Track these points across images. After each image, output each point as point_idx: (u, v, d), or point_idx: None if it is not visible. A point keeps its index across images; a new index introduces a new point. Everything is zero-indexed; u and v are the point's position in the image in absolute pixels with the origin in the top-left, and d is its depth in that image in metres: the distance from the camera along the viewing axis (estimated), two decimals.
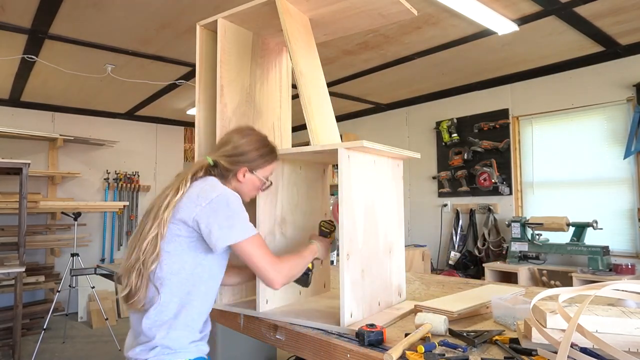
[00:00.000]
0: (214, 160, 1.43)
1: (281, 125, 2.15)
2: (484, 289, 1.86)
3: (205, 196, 1.30)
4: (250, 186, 1.49)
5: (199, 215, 1.28)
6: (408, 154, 1.76)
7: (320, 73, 1.78)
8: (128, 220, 6.17)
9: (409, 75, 4.46)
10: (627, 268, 3.47)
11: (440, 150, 5.16)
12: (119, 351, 4.28)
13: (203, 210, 1.28)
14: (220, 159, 1.43)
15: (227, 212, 1.29)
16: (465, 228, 4.87)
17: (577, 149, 4.11)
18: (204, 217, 1.27)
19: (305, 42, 1.76)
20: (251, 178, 1.48)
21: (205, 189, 1.33)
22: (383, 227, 1.70)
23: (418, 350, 1.15)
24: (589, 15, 3.09)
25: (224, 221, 1.28)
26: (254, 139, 1.49)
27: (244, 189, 1.48)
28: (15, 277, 3.79)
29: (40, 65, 3.94)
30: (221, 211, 1.29)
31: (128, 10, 2.93)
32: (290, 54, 1.64)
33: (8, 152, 5.17)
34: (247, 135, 1.49)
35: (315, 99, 1.64)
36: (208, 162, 1.43)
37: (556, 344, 0.97)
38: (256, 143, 1.48)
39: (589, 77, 4.03)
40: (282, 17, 1.64)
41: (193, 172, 1.37)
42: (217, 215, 1.28)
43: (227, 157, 1.44)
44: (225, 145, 1.47)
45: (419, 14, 2.97)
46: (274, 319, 1.60)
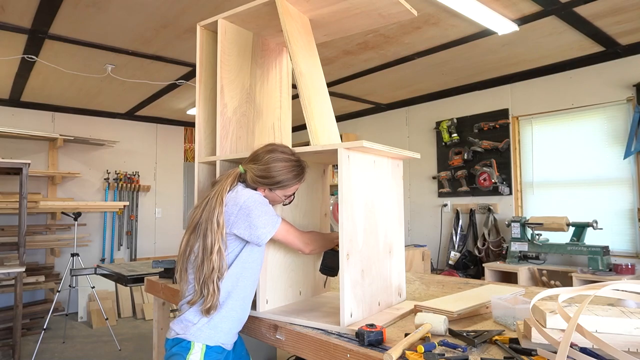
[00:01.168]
0: (244, 169, 1.57)
1: (281, 125, 2.15)
2: (483, 289, 1.86)
3: (234, 203, 1.50)
4: (270, 197, 1.60)
5: (235, 223, 1.48)
6: (408, 154, 1.76)
7: (320, 73, 1.78)
8: (128, 220, 6.17)
9: (409, 75, 4.46)
10: (627, 268, 3.47)
11: (440, 150, 5.16)
12: (119, 351, 4.28)
13: (237, 218, 1.48)
14: (249, 172, 1.56)
15: (257, 213, 1.48)
16: (465, 228, 4.87)
17: (577, 149, 4.11)
18: (240, 224, 1.48)
19: (306, 42, 1.76)
20: (271, 194, 1.59)
21: (233, 197, 1.52)
22: (383, 227, 1.70)
23: (418, 350, 1.15)
24: (589, 15, 3.09)
25: (257, 220, 1.47)
26: (282, 165, 1.55)
27: (273, 199, 1.61)
28: (15, 277, 3.79)
29: (40, 65, 3.94)
30: (252, 213, 1.48)
31: (128, 10, 2.93)
32: (290, 54, 1.64)
33: (8, 152, 5.17)
34: (276, 161, 1.55)
35: (315, 99, 1.65)
36: (240, 171, 1.58)
37: (556, 344, 0.97)
38: (283, 169, 1.55)
39: (589, 77, 4.03)
40: (282, 18, 1.65)
41: (230, 184, 1.55)
42: (250, 218, 1.47)
43: (254, 174, 1.55)
44: (257, 162, 1.56)
45: (419, 14, 2.97)
46: (274, 319, 1.60)
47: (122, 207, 5.90)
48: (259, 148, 1.60)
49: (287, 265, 1.80)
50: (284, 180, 1.55)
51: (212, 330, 1.47)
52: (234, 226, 1.48)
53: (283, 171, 1.54)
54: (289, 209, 1.79)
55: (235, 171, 1.57)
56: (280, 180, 1.54)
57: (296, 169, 1.57)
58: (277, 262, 1.75)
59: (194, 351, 1.44)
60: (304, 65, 1.66)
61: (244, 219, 1.47)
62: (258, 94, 2.02)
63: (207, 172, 1.94)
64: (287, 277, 1.80)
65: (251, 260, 1.54)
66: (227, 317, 1.49)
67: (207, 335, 1.47)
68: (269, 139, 2.08)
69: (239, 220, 1.48)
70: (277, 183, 1.55)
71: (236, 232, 1.49)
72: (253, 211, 1.48)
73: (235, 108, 1.90)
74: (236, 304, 1.51)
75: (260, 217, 1.48)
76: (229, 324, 1.50)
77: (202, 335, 1.46)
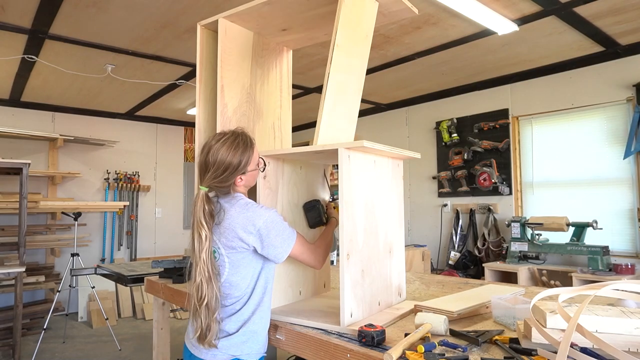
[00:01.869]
0: (207, 187, 1.49)
1: (281, 125, 2.15)
2: (483, 289, 1.86)
3: (251, 224, 1.47)
4: (251, 179, 1.56)
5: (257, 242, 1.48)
6: (408, 154, 1.76)
7: (357, 70, 1.74)
8: (128, 220, 6.17)
9: (409, 75, 4.46)
10: (627, 268, 3.47)
11: (440, 150, 5.16)
12: (119, 351, 4.28)
13: (257, 238, 1.47)
14: (212, 184, 1.48)
15: (275, 232, 1.49)
16: (465, 228, 4.87)
17: (577, 149, 4.11)
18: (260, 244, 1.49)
19: (353, 35, 1.74)
20: (246, 176, 1.53)
21: (246, 216, 1.49)
22: (383, 227, 1.70)
23: (418, 350, 1.15)
24: (589, 15, 3.09)
25: (274, 240, 1.48)
26: (225, 150, 1.47)
27: (247, 184, 1.56)
28: (16, 277, 3.79)
29: (40, 65, 3.94)
30: (271, 233, 1.48)
31: (128, 10, 2.93)
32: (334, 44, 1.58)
33: (8, 152, 5.17)
34: (217, 151, 1.47)
35: (335, 96, 1.59)
36: (204, 190, 1.48)
37: (556, 344, 0.97)
38: (228, 151, 1.47)
39: (589, 77, 4.03)
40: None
41: (202, 207, 1.46)
42: (269, 238, 1.48)
43: (216, 178, 1.47)
44: (207, 171, 1.48)
45: (419, 14, 2.97)
46: (274, 319, 1.60)
47: (122, 207, 5.90)
48: (199, 158, 1.54)
49: (287, 265, 1.80)
50: (241, 156, 1.48)
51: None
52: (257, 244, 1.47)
53: (230, 151, 1.47)
54: (289, 208, 1.79)
55: (200, 194, 1.48)
56: (239, 160, 1.47)
57: (239, 142, 1.49)
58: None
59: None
60: (342, 60, 1.61)
61: (264, 240, 1.46)
62: (258, 94, 2.02)
63: None
64: (287, 277, 1.80)
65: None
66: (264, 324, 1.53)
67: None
68: (269, 139, 2.08)
69: (257, 242, 1.46)
70: (238, 164, 1.47)
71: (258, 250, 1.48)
72: (271, 231, 1.45)
73: (236, 108, 1.90)
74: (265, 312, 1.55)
75: (279, 235, 1.47)
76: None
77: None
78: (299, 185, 1.85)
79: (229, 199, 1.51)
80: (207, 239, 1.43)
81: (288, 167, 1.79)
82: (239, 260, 1.47)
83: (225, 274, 1.47)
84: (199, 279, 1.41)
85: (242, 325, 1.46)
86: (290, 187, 1.80)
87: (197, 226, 1.44)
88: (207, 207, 1.46)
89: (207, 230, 1.43)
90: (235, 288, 1.47)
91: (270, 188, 1.71)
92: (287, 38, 2.08)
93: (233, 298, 1.47)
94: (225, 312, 1.48)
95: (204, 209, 1.45)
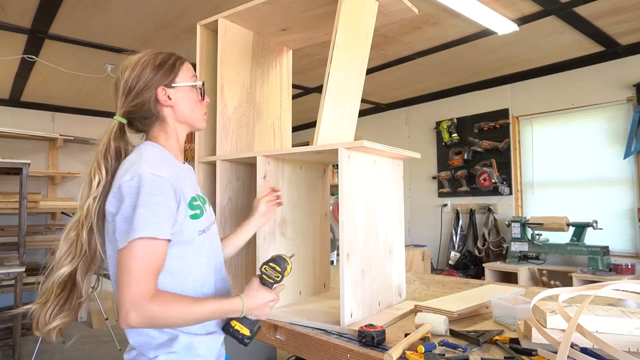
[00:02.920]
0: (124, 114, 1.13)
1: (281, 125, 2.15)
2: (484, 289, 1.86)
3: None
4: (186, 104, 1.16)
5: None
6: (408, 154, 1.76)
7: (357, 70, 1.74)
8: None
9: (409, 75, 4.46)
10: (627, 268, 3.47)
11: (440, 150, 5.16)
12: (119, 351, 4.28)
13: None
14: (127, 107, 1.12)
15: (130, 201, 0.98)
16: (465, 228, 4.87)
17: (577, 149, 4.11)
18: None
19: (352, 35, 1.74)
20: (177, 93, 1.14)
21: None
22: (383, 227, 1.70)
23: (418, 350, 1.15)
24: (589, 15, 3.09)
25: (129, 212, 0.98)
26: (140, 58, 1.14)
27: (185, 109, 1.16)
28: (15, 277, 3.78)
29: (40, 65, 3.93)
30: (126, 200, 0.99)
31: (128, 10, 2.93)
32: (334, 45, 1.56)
33: (8, 152, 5.17)
34: (130, 64, 1.13)
35: (335, 96, 1.59)
36: (119, 121, 1.13)
37: (556, 344, 0.97)
38: (143, 59, 1.13)
39: (589, 77, 4.03)
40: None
41: (104, 149, 1.09)
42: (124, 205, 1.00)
43: (129, 95, 1.11)
44: (117, 92, 1.14)
45: (419, 13, 2.97)
46: (274, 319, 1.60)
47: None
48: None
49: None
50: (161, 63, 1.13)
51: None
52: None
53: (146, 61, 1.12)
54: (288, 208, 1.78)
55: (110, 125, 1.13)
56: (158, 66, 1.12)
57: (159, 53, 1.16)
58: None
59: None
60: (342, 60, 1.61)
61: (118, 202, 1.00)
62: (258, 94, 2.02)
63: (207, 172, 1.94)
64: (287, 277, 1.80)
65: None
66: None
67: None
68: (269, 139, 2.08)
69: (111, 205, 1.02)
70: (157, 73, 1.11)
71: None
72: (130, 197, 0.97)
73: (236, 108, 1.90)
74: None
75: (137, 207, 0.96)
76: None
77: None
78: (299, 185, 1.85)
79: (141, 145, 1.12)
80: (98, 188, 1.05)
81: (288, 167, 1.79)
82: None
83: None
84: (72, 233, 1.05)
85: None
86: (290, 187, 1.80)
87: (93, 168, 1.07)
88: (112, 144, 1.09)
89: (101, 177, 1.06)
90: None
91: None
92: (287, 38, 2.08)
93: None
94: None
95: (107, 145, 1.09)
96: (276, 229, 1.72)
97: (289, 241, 1.80)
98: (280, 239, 1.76)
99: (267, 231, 1.68)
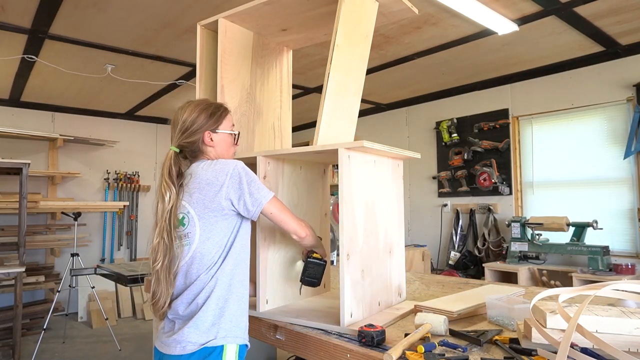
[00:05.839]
0: (177, 146, 1.46)
1: (281, 125, 2.15)
2: (484, 289, 1.86)
3: (224, 174, 1.40)
4: (223, 146, 1.51)
5: (229, 194, 1.38)
6: (408, 154, 1.76)
7: (356, 72, 1.74)
8: (128, 220, 6.17)
9: (409, 75, 4.46)
10: (627, 268, 3.47)
11: (440, 150, 5.16)
12: (119, 351, 4.28)
13: (229, 188, 1.38)
14: (181, 141, 1.45)
15: (248, 179, 1.42)
16: (465, 228, 4.87)
17: (577, 149, 4.11)
18: (233, 193, 1.38)
19: (353, 35, 1.73)
20: (218, 137, 1.48)
21: (214, 169, 1.42)
22: (383, 227, 1.70)
23: (418, 350, 1.15)
24: (589, 15, 3.09)
25: (251, 187, 1.41)
26: (195, 106, 1.48)
27: (221, 150, 1.50)
28: (15, 277, 3.79)
29: (40, 65, 3.93)
30: (243, 180, 1.41)
31: (128, 10, 2.93)
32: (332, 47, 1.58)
33: (8, 152, 5.17)
34: (188, 107, 1.48)
35: (335, 96, 1.59)
36: (174, 151, 1.46)
37: (556, 344, 0.97)
38: (198, 107, 1.48)
39: (589, 77, 4.03)
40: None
41: (168, 171, 1.42)
42: (242, 185, 1.40)
43: (184, 133, 1.45)
44: (176, 127, 1.47)
45: (419, 14, 2.97)
46: (274, 319, 1.60)
47: (122, 207, 5.90)
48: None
49: (287, 265, 1.80)
50: (212, 113, 1.47)
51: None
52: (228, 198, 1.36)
53: (200, 109, 1.47)
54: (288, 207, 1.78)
55: (168, 154, 1.45)
56: (210, 114, 1.46)
57: (211, 105, 1.51)
58: (277, 262, 1.75)
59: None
60: (342, 60, 1.61)
61: (238, 187, 1.36)
62: (258, 94, 2.02)
63: None
64: (287, 277, 1.80)
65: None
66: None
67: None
68: (269, 139, 2.08)
69: (232, 191, 1.36)
70: (208, 120, 1.45)
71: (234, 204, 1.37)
72: (244, 177, 1.37)
73: (235, 108, 1.90)
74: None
75: (253, 182, 1.38)
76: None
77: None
78: (299, 185, 1.85)
79: (198, 163, 1.44)
80: (170, 200, 1.37)
81: (288, 167, 1.79)
82: (212, 224, 1.36)
83: (195, 243, 1.35)
84: (156, 240, 1.35)
85: (211, 305, 1.32)
86: (290, 187, 1.80)
87: (162, 187, 1.39)
88: (174, 168, 1.42)
89: (172, 192, 1.38)
90: (205, 258, 1.35)
91: (270, 188, 1.70)
92: (287, 38, 2.08)
93: (200, 272, 1.34)
94: (190, 292, 1.34)
95: (170, 168, 1.41)
96: (276, 230, 1.72)
97: (289, 241, 1.80)
98: (281, 239, 1.76)
99: (267, 231, 1.68)
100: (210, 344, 1.30)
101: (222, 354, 1.30)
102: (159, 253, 1.34)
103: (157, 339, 1.42)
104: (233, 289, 1.37)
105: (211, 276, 1.34)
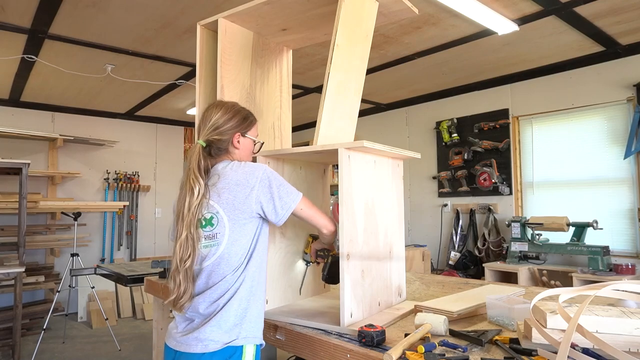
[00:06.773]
0: (205, 141, 1.45)
1: (281, 125, 2.15)
2: (484, 289, 1.86)
3: (254, 177, 1.42)
4: (246, 151, 1.55)
5: (259, 197, 1.39)
6: (408, 154, 1.76)
7: (356, 73, 1.74)
8: (128, 220, 6.17)
9: (409, 75, 4.46)
10: (627, 268, 3.47)
11: (440, 150, 5.16)
12: (119, 351, 4.28)
13: (259, 192, 1.39)
14: (210, 137, 1.45)
15: (277, 182, 1.45)
16: (465, 228, 4.87)
17: (577, 149, 4.11)
18: (264, 198, 1.40)
19: (353, 35, 1.74)
20: (244, 141, 1.52)
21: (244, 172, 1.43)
22: (383, 227, 1.70)
23: (418, 350, 1.15)
24: (589, 15, 3.09)
25: (280, 190, 1.44)
26: (229, 108, 1.51)
27: (244, 153, 1.54)
28: (15, 277, 3.79)
29: (40, 65, 3.93)
30: (273, 184, 1.43)
31: (128, 10, 2.93)
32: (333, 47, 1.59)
33: (8, 152, 5.17)
34: (221, 106, 1.51)
35: (334, 97, 1.59)
36: (201, 145, 1.45)
37: (556, 344, 0.97)
38: (232, 109, 1.51)
39: (589, 77, 4.03)
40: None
41: (197, 164, 1.40)
42: (271, 189, 1.42)
43: (215, 131, 1.46)
44: (207, 123, 1.47)
45: (419, 14, 2.97)
46: (274, 319, 1.60)
47: (122, 207, 5.90)
48: (201, 114, 1.55)
49: (287, 265, 1.80)
50: (245, 117, 1.52)
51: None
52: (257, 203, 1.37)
53: (233, 112, 1.50)
54: None
55: (196, 147, 1.44)
56: (242, 118, 1.50)
57: (243, 109, 1.55)
58: (277, 262, 1.75)
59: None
60: (342, 60, 1.61)
61: (268, 191, 1.37)
62: (258, 94, 2.02)
63: None
64: (287, 277, 1.80)
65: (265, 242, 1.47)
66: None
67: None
68: (269, 139, 2.08)
69: (262, 194, 1.37)
70: (241, 123, 1.49)
71: (264, 208, 1.38)
72: (273, 181, 1.39)
73: None
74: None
75: (282, 186, 1.41)
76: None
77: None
78: (299, 185, 1.85)
79: (224, 164, 1.44)
80: (199, 195, 1.35)
81: (288, 167, 1.79)
82: (240, 226, 1.35)
83: (224, 244, 1.34)
84: (184, 234, 1.32)
85: (234, 306, 1.32)
86: None
87: (191, 179, 1.36)
88: (202, 162, 1.40)
89: (201, 185, 1.35)
90: (233, 259, 1.34)
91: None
92: (287, 38, 2.08)
93: (227, 273, 1.34)
94: (215, 292, 1.33)
95: (199, 161, 1.39)
96: (276, 229, 1.72)
97: (289, 241, 1.80)
98: (280, 239, 1.76)
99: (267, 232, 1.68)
100: (233, 343, 1.31)
101: (242, 355, 1.32)
102: (188, 249, 1.32)
103: (169, 338, 1.40)
104: (254, 290, 1.38)
105: (236, 278, 1.35)
